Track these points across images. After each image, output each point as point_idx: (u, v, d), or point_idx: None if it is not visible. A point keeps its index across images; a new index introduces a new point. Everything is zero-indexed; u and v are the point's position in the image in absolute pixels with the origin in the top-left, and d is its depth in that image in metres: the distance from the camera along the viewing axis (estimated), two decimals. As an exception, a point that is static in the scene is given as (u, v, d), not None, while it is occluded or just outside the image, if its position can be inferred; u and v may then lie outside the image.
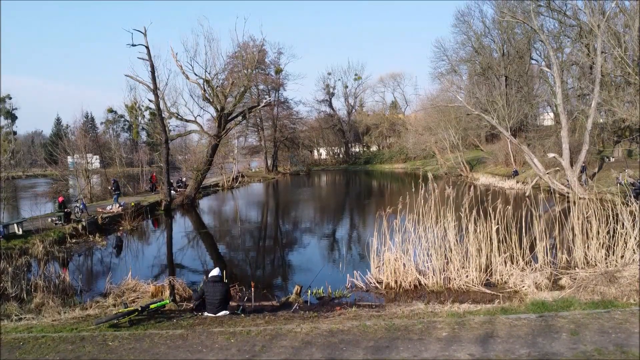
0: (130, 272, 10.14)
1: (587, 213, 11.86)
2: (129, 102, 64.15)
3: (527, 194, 28.39)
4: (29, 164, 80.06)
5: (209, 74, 27.19)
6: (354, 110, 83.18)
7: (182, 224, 23.85)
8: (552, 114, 57.01)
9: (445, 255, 10.60)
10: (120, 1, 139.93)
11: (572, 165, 26.39)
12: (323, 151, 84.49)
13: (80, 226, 17.98)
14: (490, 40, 56.26)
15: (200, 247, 17.88)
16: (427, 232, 10.78)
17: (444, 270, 10.24)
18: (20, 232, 16.25)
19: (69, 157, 29.76)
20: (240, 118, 29.99)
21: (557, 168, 27.99)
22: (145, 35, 23.92)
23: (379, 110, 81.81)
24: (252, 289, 8.65)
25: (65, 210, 18.38)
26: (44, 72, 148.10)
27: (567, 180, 26.89)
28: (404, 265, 10.28)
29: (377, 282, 10.29)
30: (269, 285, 11.93)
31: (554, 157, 27.23)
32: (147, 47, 24.04)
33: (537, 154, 31.74)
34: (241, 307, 7.59)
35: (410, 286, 9.98)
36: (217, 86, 28.24)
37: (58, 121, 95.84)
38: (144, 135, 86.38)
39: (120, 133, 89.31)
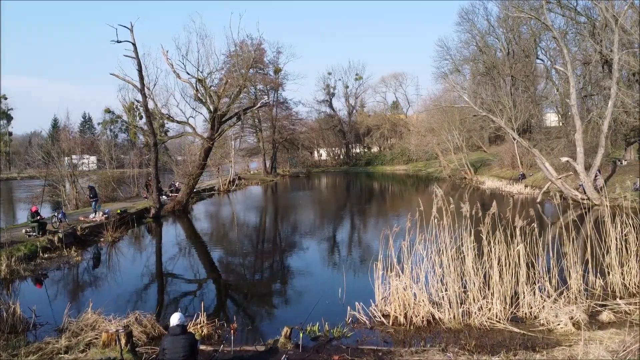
0: (90, 305, 8.57)
1: (625, 230, 10.29)
2: (121, 102, 62.55)
3: (538, 200, 26.99)
4: (25, 165, 78.45)
5: (202, 72, 25.69)
6: (354, 111, 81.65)
7: (171, 234, 22.29)
8: (555, 115, 55.52)
9: (464, 283, 9.04)
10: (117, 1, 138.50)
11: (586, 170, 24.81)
12: (323, 152, 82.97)
13: (56, 238, 16.42)
14: (495, 39, 54.74)
15: (189, 260, 16.30)
16: (442, 255, 9.20)
17: (462, 303, 8.67)
18: (-13, 246, 14.71)
19: (70, 157, 28.09)
20: (235, 120, 28.44)
21: (570, 173, 26.38)
22: (131, 31, 22.37)
23: (380, 110, 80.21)
24: (233, 331, 7.08)
25: (39, 219, 16.79)
26: (46, 72, 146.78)
27: (581, 186, 25.34)
28: (415, 295, 8.71)
29: (383, 315, 8.72)
30: (257, 312, 10.38)
31: (568, 161, 25.61)
32: (133, 44, 22.49)
33: (545, 157, 30.14)
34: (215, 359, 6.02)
35: (422, 322, 8.40)
36: (211, 86, 26.73)
37: (55, 122, 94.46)
38: (142, 136, 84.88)
39: (117, 134, 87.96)
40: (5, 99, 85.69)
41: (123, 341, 6.19)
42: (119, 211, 22.25)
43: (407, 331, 8.19)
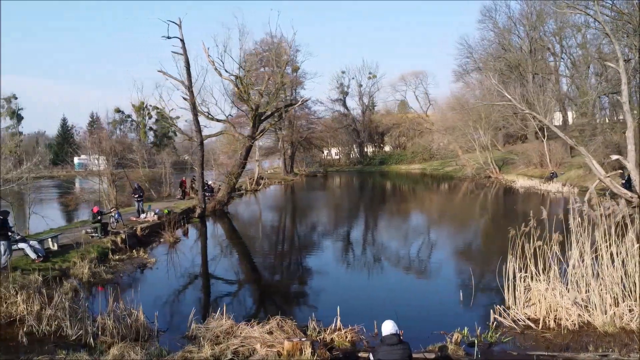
0: (224, 310, 8.08)
1: None
2: (154, 101, 62.05)
3: (586, 198, 26.57)
4: (34, 165, 77.79)
5: (243, 69, 25.23)
6: (368, 110, 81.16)
7: (222, 233, 21.88)
8: (562, 113, 54.97)
9: (606, 284, 8.60)
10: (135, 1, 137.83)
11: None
12: (334, 151, 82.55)
13: (119, 239, 15.97)
14: (517, 37, 54.34)
15: (270, 258, 15.74)
16: (584, 254, 8.76)
17: (613, 305, 8.22)
18: (56, 248, 14.27)
19: (79, 156, 27.61)
20: (276, 117, 27.99)
21: (620, 171, 25.98)
22: (180, 27, 21.93)
23: (396, 109, 79.67)
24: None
25: (101, 220, 16.33)
26: (46, 72, 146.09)
27: (624, 184, 24.97)
28: (562, 298, 8.27)
29: (528, 319, 8.27)
30: (380, 315, 9.89)
31: (618, 159, 25.16)
32: (182, 40, 22.04)
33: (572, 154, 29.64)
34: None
35: (574, 326, 7.96)
36: (248, 83, 26.27)
37: (64, 122, 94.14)
38: (151, 136, 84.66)
39: (127, 133, 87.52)
40: (16, 98, 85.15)
41: (309, 351, 5.73)
42: (166, 211, 21.81)
43: (564, 336, 7.73)
